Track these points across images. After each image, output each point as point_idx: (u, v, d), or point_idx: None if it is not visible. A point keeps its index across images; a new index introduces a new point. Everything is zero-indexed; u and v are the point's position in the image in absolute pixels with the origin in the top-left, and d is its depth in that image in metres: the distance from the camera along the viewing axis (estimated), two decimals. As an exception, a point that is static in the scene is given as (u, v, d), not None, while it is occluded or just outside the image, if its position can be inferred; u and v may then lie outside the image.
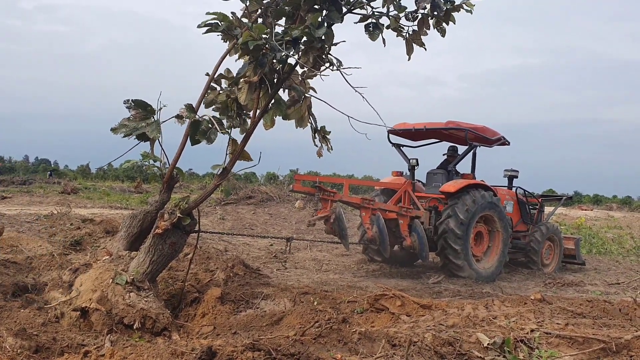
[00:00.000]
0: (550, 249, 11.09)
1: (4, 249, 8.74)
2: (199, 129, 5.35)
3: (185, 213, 5.68)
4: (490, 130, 10.14)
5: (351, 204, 8.73)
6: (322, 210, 7.82)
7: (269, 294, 6.53)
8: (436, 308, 5.90)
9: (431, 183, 10.41)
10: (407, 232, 8.90)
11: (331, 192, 8.01)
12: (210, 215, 17.14)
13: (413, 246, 8.85)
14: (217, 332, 5.45)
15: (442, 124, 9.87)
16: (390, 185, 9.83)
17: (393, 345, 4.34)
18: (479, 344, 4.45)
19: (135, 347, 3.88)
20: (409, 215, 8.99)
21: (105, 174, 45.01)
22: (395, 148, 10.64)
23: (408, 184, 9.55)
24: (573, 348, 4.45)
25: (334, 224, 7.75)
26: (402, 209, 8.97)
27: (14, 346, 4.22)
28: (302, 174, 7.83)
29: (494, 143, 10.41)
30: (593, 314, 5.43)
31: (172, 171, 5.81)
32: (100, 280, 5.40)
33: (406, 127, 10.24)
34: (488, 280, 9.25)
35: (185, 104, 5.35)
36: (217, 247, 10.52)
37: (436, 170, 10.57)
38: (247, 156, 5.81)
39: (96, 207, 18.22)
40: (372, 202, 8.64)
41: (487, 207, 9.33)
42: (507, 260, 10.08)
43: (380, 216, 8.45)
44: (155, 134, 5.07)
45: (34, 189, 25.00)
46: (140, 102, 4.95)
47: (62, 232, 11.27)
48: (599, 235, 15.75)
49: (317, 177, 7.86)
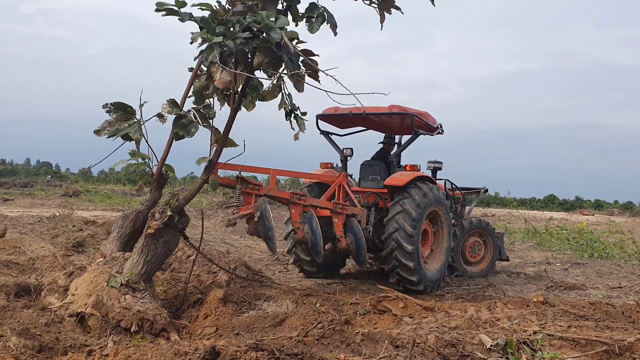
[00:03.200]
0: (478, 246, 10.15)
1: (6, 250, 8.76)
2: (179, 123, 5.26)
3: (176, 211, 5.66)
4: (432, 117, 9.06)
5: (279, 199, 7.42)
6: (244, 207, 6.61)
7: (271, 296, 6.54)
8: (439, 310, 5.91)
9: (367, 176, 9.15)
10: (342, 233, 7.79)
11: (256, 185, 6.80)
12: (212, 218, 17.16)
13: (349, 249, 7.77)
14: (219, 333, 5.45)
15: (386, 109, 8.54)
16: (322, 179, 8.67)
17: (396, 347, 4.34)
18: (481, 346, 4.45)
19: (138, 347, 3.89)
20: (344, 213, 7.85)
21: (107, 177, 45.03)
22: (325, 136, 9.26)
23: (343, 177, 8.47)
24: (576, 350, 4.45)
25: (258, 224, 6.62)
26: (337, 206, 7.80)
27: (18, 345, 4.24)
28: (222, 162, 6.14)
29: (435, 131, 9.26)
30: (596, 316, 5.43)
31: (161, 169, 5.79)
32: (94, 284, 5.38)
33: (340, 112, 8.77)
34: (434, 287, 8.31)
35: (168, 100, 5.27)
36: (219, 249, 10.53)
37: (372, 161, 9.33)
38: (232, 142, 5.69)
39: (98, 210, 18.23)
40: (304, 197, 7.46)
41: (435, 203, 8.32)
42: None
43: (313, 214, 7.38)
44: (138, 135, 5.03)
45: (35, 192, 25.00)
46: (120, 105, 4.95)
47: (64, 234, 11.32)
48: (600, 239, 15.73)
49: (239, 166, 6.56)
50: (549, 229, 17.54)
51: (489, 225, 10.31)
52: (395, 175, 8.36)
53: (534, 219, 21.79)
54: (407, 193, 8.00)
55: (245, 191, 6.65)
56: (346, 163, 9.16)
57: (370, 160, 9.35)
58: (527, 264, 11.78)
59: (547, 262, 11.98)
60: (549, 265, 11.51)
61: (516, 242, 15.44)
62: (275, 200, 7.57)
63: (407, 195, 7.97)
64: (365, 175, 9.18)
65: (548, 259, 12.53)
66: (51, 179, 37.50)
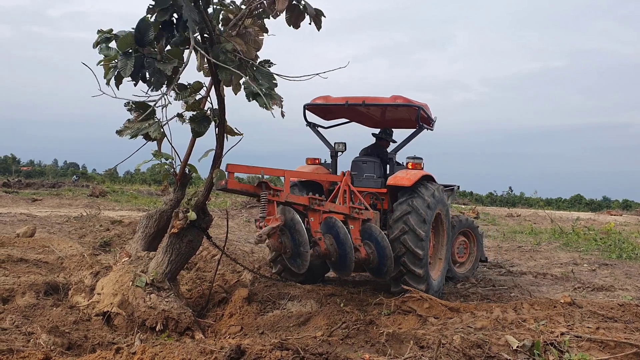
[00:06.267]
0: (464, 245, 9.58)
1: (36, 250, 8.94)
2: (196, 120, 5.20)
3: (197, 209, 5.70)
4: (429, 109, 8.17)
5: (296, 204, 6.28)
6: (271, 218, 5.71)
7: (295, 295, 6.55)
8: (464, 311, 5.87)
9: (361, 174, 8.05)
10: (359, 241, 6.79)
11: (276, 191, 5.90)
12: (236, 218, 17.28)
13: (369, 259, 6.76)
14: (244, 332, 5.49)
15: (388, 100, 7.65)
16: (319, 178, 7.75)
17: (421, 347, 4.33)
18: (508, 347, 4.42)
19: (164, 345, 3.94)
20: (360, 218, 6.95)
21: (133, 177, 45.63)
22: (312, 129, 8.29)
23: (348, 176, 7.55)
24: (605, 352, 4.39)
25: (283, 237, 5.82)
26: (354, 210, 6.89)
27: (48, 342, 4.32)
28: (237, 164, 5.61)
29: (431, 125, 8.38)
30: (625, 318, 5.34)
31: (184, 168, 5.85)
32: (120, 284, 5.45)
33: (333, 101, 7.89)
34: (436, 294, 7.21)
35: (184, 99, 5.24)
36: (243, 248, 10.60)
37: (367, 157, 8.25)
38: (230, 130, 5.53)
39: (124, 210, 18.47)
40: (323, 202, 6.53)
41: (440, 204, 7.55)
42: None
43: (337, 222, 6.39)
44: (157, 134, 5.05)
45: (63, 192, 25.41)
46: (141, 104, 4.95)
47: (91, 234, 11.51)
48: (629, 240, 15.44)
49: (261, 169, 5.83)
50: (576, 230, 17.27)
51: (474, 224, 9.79)
52: (399, 173, 7.51)
53: (560, 219, 21.49)
54: (415, 193, 7.22)
55: (269, 198, 5.79)
56: (336, 159, 8.27)
57: (362, 157, 8.35)
58: (553, 265, 11.61)
59: (574, 263, 11.79)
60: (576, 266, 11.33)
61: (542, 243, 15.23)
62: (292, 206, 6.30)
63: (416, 195, 7.19)
64: (358, 173, 8.09)
65: (575, 259, 12.33)
66: (77, 179, 38.09)
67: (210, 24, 4.89)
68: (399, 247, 6.95)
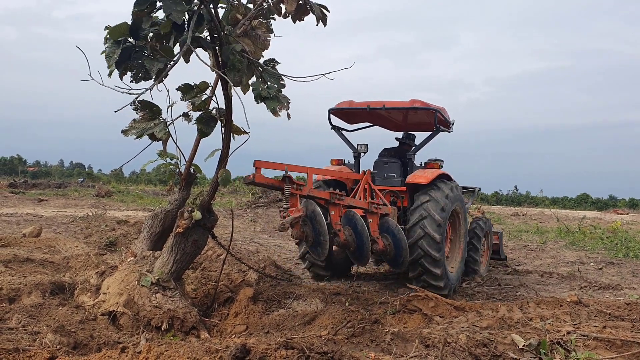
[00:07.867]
0: (484, 246, 9.85)
1: (42, 249, 8.97)
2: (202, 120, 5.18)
3: (202, 209, 5.71)
4: (447, 112, 8.66)
5: (318, 199, 6.79)
6: (294, 209, 6.26)
7: (300, 294, 6.55)
8: (470, 309, 5.85)
9: (382, 174, 8.62)
10: (377, 234, 7.24)
11: (299, 185, 6.43)
12: (241, 218, 17.29)
13: (387, 250, 7.21)
14: (249, 331, 5.49)
15: (406, 103, 8.11)
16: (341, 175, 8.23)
17: (427, 346, 4.31)
18: (514, 346, 4.40)
19: (170, 344, 3.94)
20: (379, 213, 7.36)
21: (138, 177, 45.76)
22: (336, 132, 8.81)
23: (369, 175, 8.05)
24: (611, 351, 4.37)
25: (305, 227, 6.31)
26: (372, 205, 7.33)
27: (54, 342, 4.33)
28: (264, 161, 6.14)
29: (449, 127, 8.87)
30: (632, 316, 5.31)
31: (189, 168, 5.85)
32: (125, 283, 5.46)
33: (357, 105, 8.39)
34: (455, 289, 7.98)
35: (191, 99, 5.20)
36: (248, 248, 10.61)
37: (388, 158, 8.83)
38: (236, 129, 5.54)
39: (130, 210, 18.52)
40: (343, 197, 6.98)
41: (456, 201, 7.99)
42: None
43: (356, 214, 6.90)
44: (163, 134, 5.03)
45: (69, 192, 25.52)
46: (147, 103, 4.95)
47: (97, 233, 11.54)
48: (635, 239, 15.36)
49: (285, 165, 6.27)
50: (582, 228, 17.21)
51: (490, 224, 10.09)
52: (418, 172, 8.06)
53: (566, 218, 21.42)
54: (429, 194, 7.64)
55: (292, 192, 6.30)
56: (359, 160, 8.78)
57: (384, 158, 8.90)
58: (560, 264, 11.57)
59: (581, 262, 11.75)
60: (582, 265, 11.28)
61: (548, 242, 15.19)
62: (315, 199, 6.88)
63: (429, 198, 7.60)
64: (380, 173, 8.67)
65: (581, 258, 12.28)
66: (83, 181, 38.19)
67: (220, 24, 4.92)
68: (418, 250, 7.41)
